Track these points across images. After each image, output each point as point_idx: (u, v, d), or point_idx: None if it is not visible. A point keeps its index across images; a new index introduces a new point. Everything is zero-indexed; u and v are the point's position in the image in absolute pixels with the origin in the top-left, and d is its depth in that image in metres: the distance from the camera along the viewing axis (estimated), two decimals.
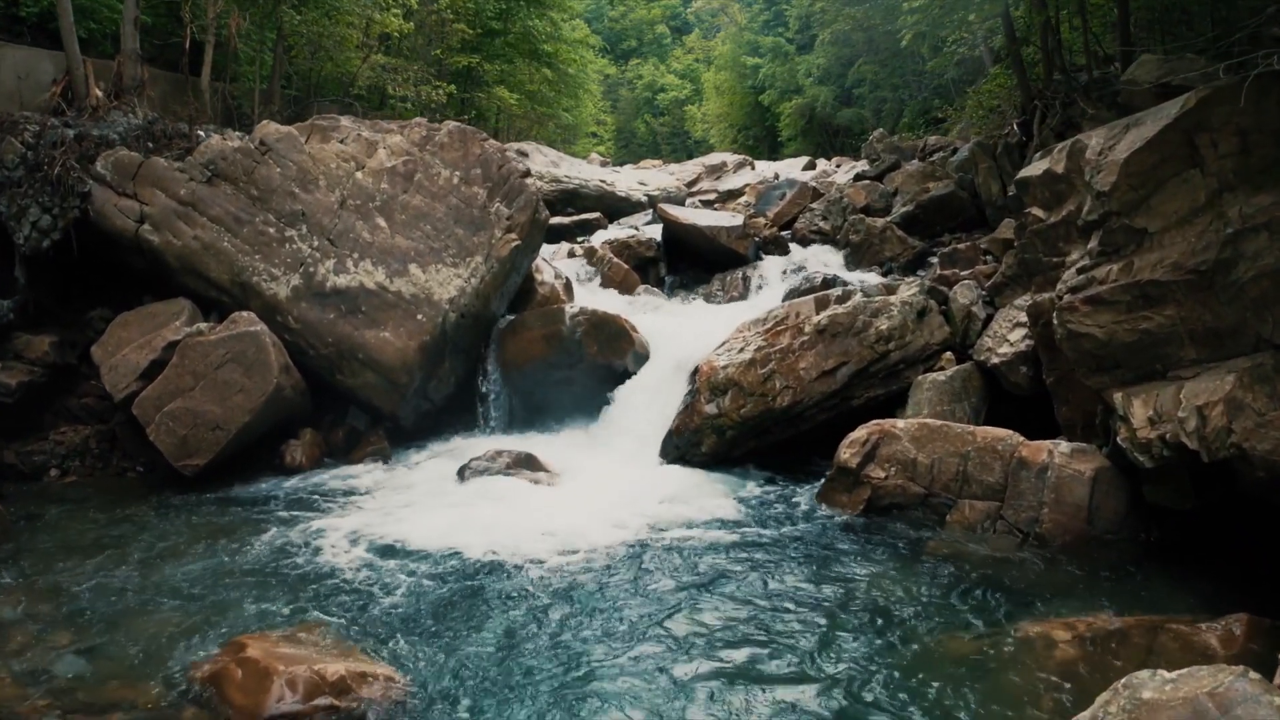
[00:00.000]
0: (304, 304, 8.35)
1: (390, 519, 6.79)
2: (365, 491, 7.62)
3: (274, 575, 5.79)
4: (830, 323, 7.95)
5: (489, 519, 6.64)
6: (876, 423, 7.04)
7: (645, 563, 6.03)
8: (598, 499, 7.09)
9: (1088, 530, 6.35)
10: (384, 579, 5.71)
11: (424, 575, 5.77)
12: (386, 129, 9.25)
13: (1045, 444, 6.60)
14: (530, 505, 6.95)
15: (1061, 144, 7.02)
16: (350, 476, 8.06)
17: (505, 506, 6.96)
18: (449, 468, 8.05)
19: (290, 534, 6.58)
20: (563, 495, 7.21)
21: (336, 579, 5.72)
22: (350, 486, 7.77)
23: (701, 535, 6.52)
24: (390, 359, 8.23)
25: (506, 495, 7.20)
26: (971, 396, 8.30)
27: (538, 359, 8.83)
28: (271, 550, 6.25)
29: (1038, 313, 7.16)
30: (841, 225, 13.19)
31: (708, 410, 7.61)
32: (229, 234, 8.51)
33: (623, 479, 7.48)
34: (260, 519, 6.99)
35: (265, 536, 6.53)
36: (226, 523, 6.95)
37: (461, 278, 8.52)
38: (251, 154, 8.76)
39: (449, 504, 7.10)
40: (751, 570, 5.98)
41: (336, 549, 6.19)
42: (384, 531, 6.46)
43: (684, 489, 7.33)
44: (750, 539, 6.48)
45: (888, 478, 6.85)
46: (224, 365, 7.93)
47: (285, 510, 7.18)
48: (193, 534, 6.73)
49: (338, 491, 7.65)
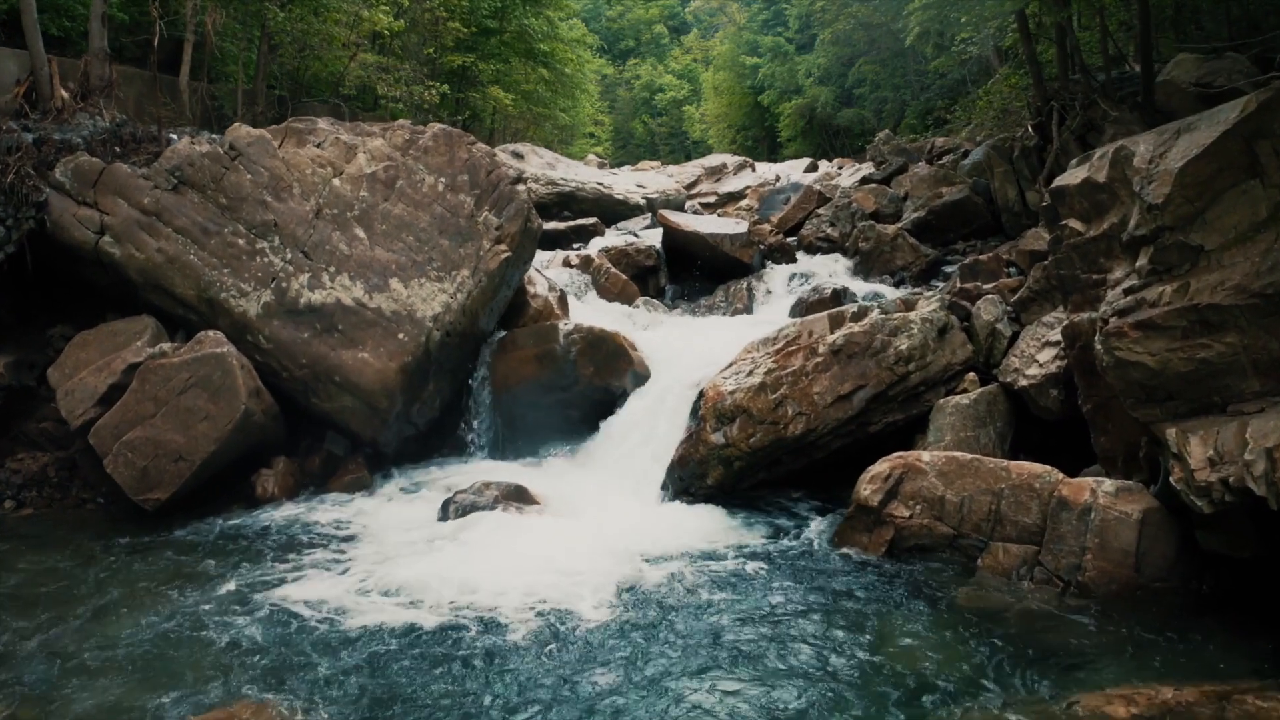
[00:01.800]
0: (276, 322, 7.72)
1: (365, 565, 6.16)
2: (341, 529, 6.99)
3: (231, 638, 5.15)
4: (846, 342, 7.34)
5: (473, 567, 6.01)
6: (900, 455, 6.42)
7: (646, 619, 5.41)
8: (593, 540, 6.46)
9: (1135, 579, 5.74)
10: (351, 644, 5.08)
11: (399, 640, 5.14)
12: (368, 132, 8.62)
13: (1087, 482, 5.99)
14: (519, 548, 6.32)
15: (1102, 150, 6.41)
16: (326, 510, 7.43)
17: (491, 549, 6.33)
18: (433, 500, 7.42)
19: (254, 584, 5.95)
20: (555, 535, 6.58)
21: (299, 644, 5.08)
22: (325, 522, 7.13)
23: (708, 583, 5.90)
24: (369, 382, 7.61)
25: (493, 535, 6.57)
26: (997, 421, 7.70)
27: (529, 380, 8.21)
28: (231, 605, 5.62)
29: (1075, 334, 6.55)
30: (850, 232, 12.60)
31: (714, 440, 6.99)
32: (195, 246, 7.88)
33: (621, 516, 6.86)
34: (223, 564, 6.36)
35: (226, 587, 5.90)
36: (187, 568, 6.32)
37: (447, 293, 7.89)
38: (220, 159, 8.13)
39: (431, 546, 6.48)
40: (764, 626, 5.37)
41: (302, 605, 5.55)
42: (357, 582, 5.83)
43: (688, 528, 6.71)
44: (762, 588, 5.86)
45: (912, 517, 6.24)
46: (187, 390, 7.30)
47: (252, 552, 6.55)
48: (149, 581, 6.11)
49: (311, 529, 7.02)
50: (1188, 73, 8.06)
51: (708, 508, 7.05)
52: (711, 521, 6.85)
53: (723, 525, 6.80)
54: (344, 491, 7.82)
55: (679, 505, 7.09)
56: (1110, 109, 11.32)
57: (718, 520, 6.88)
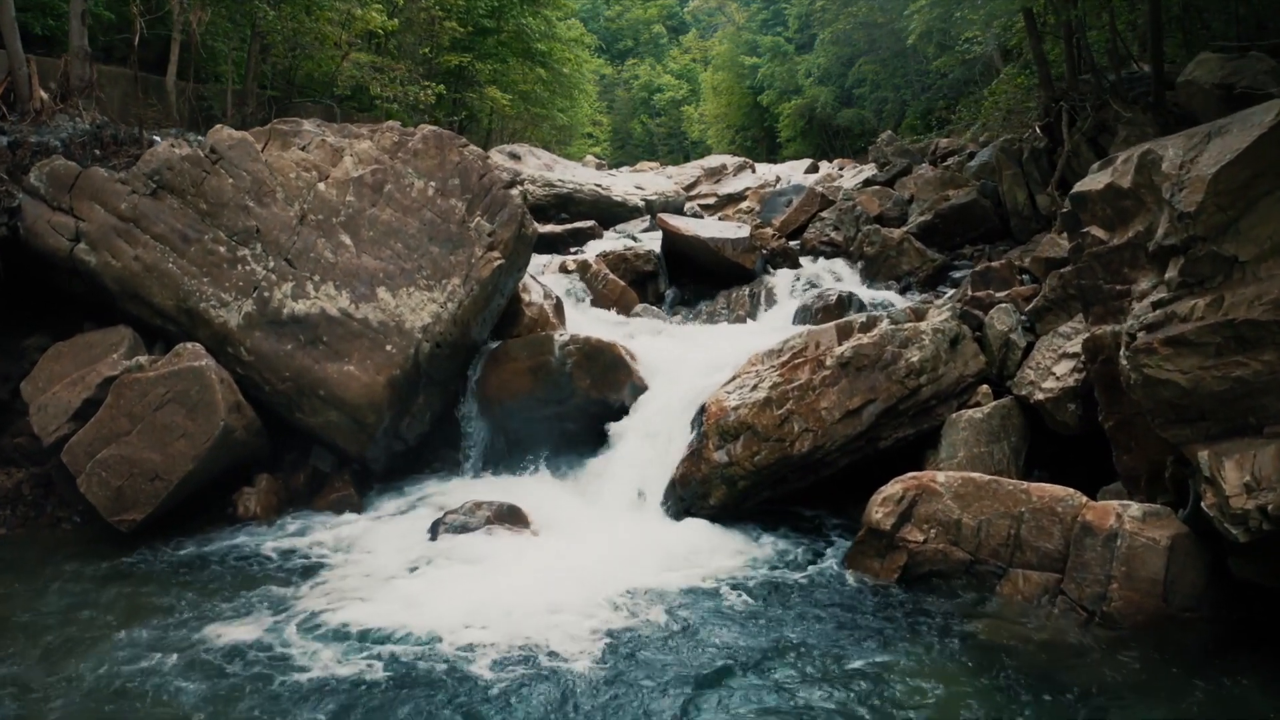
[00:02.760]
0: (258, 334, 7.38)
1: (349, 593, 5.82)
2: (325, 552, 6.65)
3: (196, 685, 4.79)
4: (855, 355, 7.01)
5: (463, 593, 5.68)
6: (914, 476, 6.09)
7: (642, 656, 5.08)
8: (591, 564, 6.13)
9: (1163, 609, 5.41)
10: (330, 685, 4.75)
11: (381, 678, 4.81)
12: (355, 134, 8.28)
13: (1112, 506, 5.66)
14: (512, 573, 5.99)
15: (1125, 154, 6.09)
16: (310, 531, 7.09)
17: (483, 575, 6.01)
18: (422, 520, 7.09)
19: (229, 614, 5.62)
20: (550, 558, 6.26)
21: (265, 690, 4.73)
22: (309, 545, 6.80)
23: (710, 615, 5.57)
24: (355, 396, 7.27)
25: (485, 559, 6.25)
26: (1011, 436, 7.38)
27: (523, 394, 7.87)
28: (203, 639, 5.28)
29: (1097, 347, 6.22)
30: (854, 236, 12.26)
31: (717, 458, 6.65)
32: (174, 254, 7.54)
33: (620, 537, 6.53)
34: (198, 593, 6.02)
35: (199, 617, 5.57)
36: (159, 598, 5.98)
37: (437, 302, 7.55)
38: (201, 163, 7.78)
39: (419, 571, 6.15)
40: (771, 661, 5.04)
41: (279, 640, 5.21)
42: (338, 613, 5.49)
43: (690, 550, 6.38)
44: (769, 619, 5.53)
45: (927, 541, 5.91)
46: (164, 406, 6.96)
47: (228, 581, 6.21)
48: (121, 610, 5.79)
49: (294, 552, 6.68)
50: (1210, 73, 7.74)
51: (710, 528, 6.71)
52: (714, 544, 6.52)
53: (726, 548, 6.47)
54: (329, 510, 7.48)
55: (680, 526, 6.76)
56: (1122, 110, 11.01)
57: (720, 542, 6.55)
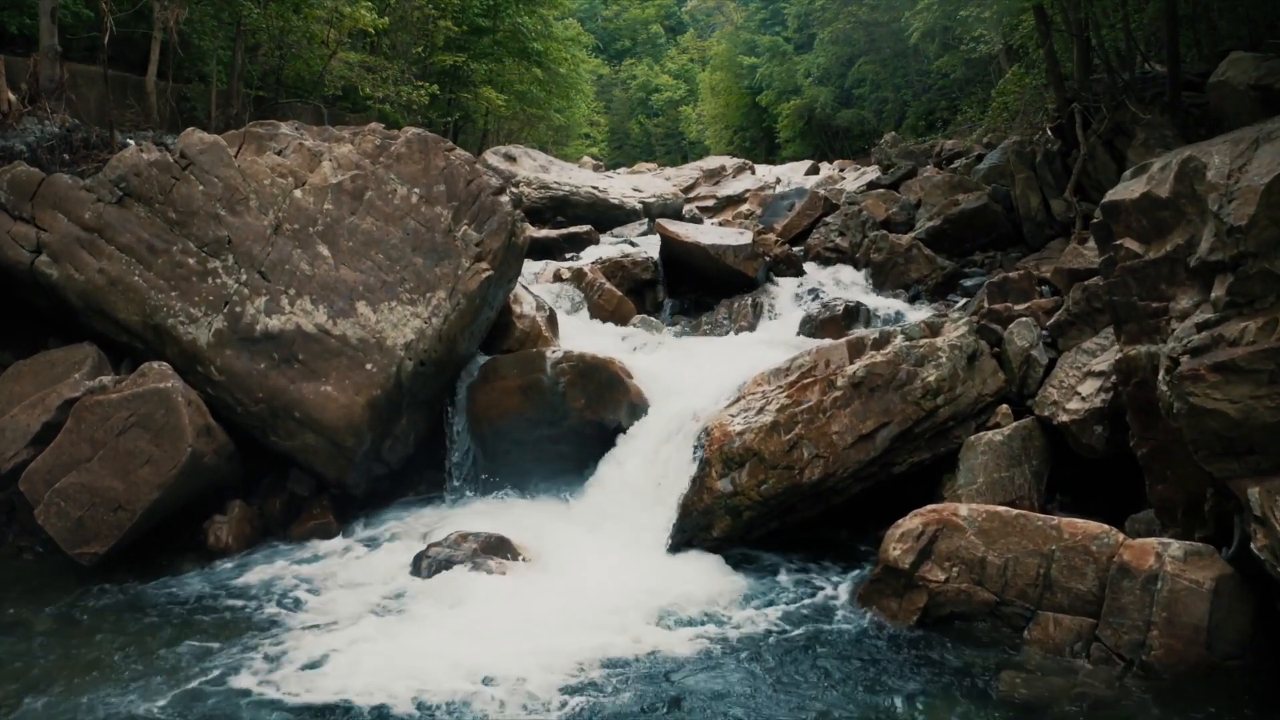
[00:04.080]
0: (229, 352, 6.91)
1: (322, 640, 5.35)
2: (297, 591, 6.18)
3: None
4: (868, 374, 6.55)
5: (447, 638, 5.23)
6: (934, 510, 5.63)
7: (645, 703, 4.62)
8: (586, 603, 5.68)
9: (1206, 657, 4.96)
10: None
11: None
12: (336, 137, 7.81)
13: (1151, 545, 5.20)
14: (501, 614, 5.53)
15: (1163, 160, 5.64)
16: (284, 563, 6.62)
17: (469, 616, 5.54)
18: (404, 551, 6.63)
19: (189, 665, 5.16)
20: (542, 596, 5.80)
21: None
22: (281, 582, 6.32)
23: (714, 661, 5.12)
24: (333, 418, 6.80)
25: (471, 597, 5.78)
26: (1033, 459, 6.94)
27: (513, 414, 7.39)
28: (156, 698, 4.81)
29: (1130, 369, 5.77)
30: (860, 242, 11.81)
31: (720, 488, 6.19)
32: (141, 266, 7.07)
33: (614, 573, 6.06)
34: (159, 635, 5.56)
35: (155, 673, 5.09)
36: (118, 638, 5.54)
37: (421, 317, 7.08)
38: (170, 169, 7.31)
39: (399, 613, 5.68)
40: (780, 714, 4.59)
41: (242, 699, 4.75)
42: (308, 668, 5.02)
43: (692, 588, 5.92)
44: (777, 665, 5.08)
45: (949, 580, 5.45)
46: (127, 430, 6.49)
47: (193, 622, 5.74)
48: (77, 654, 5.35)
49: (264, 590, 6.21)
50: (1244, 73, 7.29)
51: (712, 562, 6.26)
52: (717, 579, 6.06)
53: (730, 584, 6.01)
54: (307, 540, 7.01)
55: (680, 559, 6.29)
56: (1140, 112, 10.56)
57: (724, 577, 6.09)
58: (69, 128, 9.45)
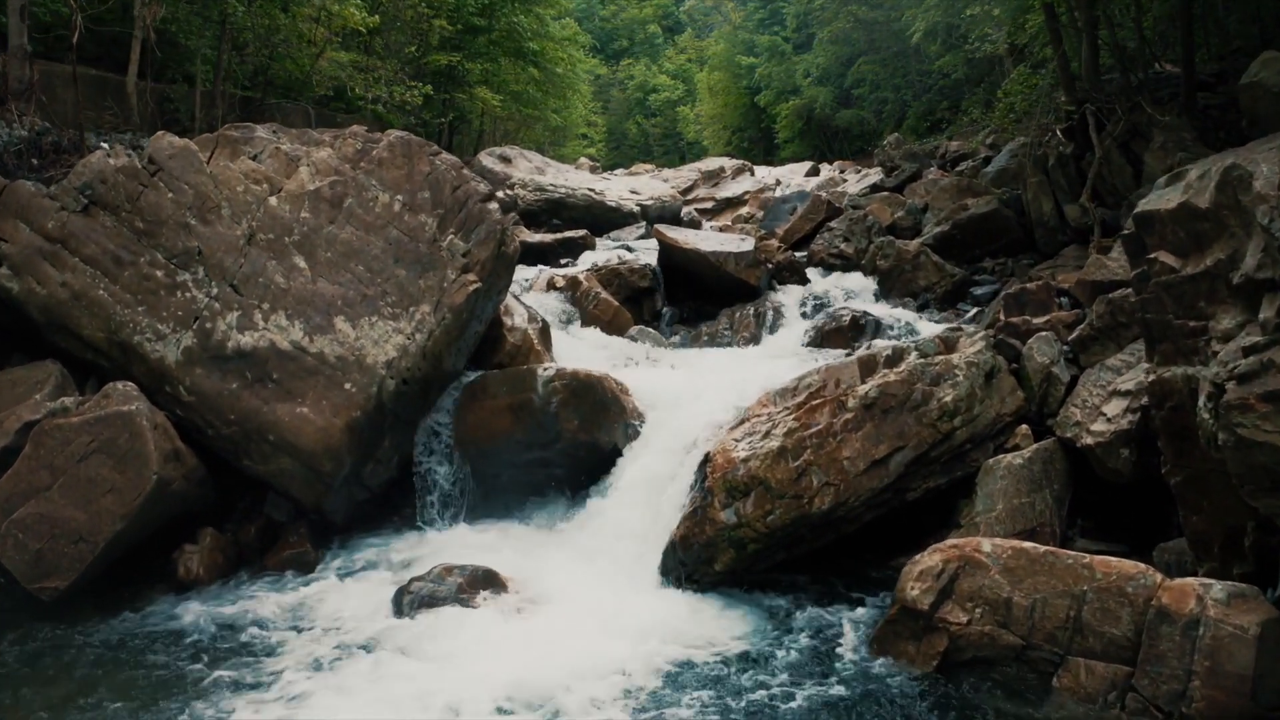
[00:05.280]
0: (198, 370, 6.48)
1: (294, 687, 4.93)
2: (270, 629, 5.75)
3: None
4: (881, 395, 6.14)
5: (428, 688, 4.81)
6: (954, 545, 5.22)
7: None
8: (578, 646, 5.25)
9: (1251, 709, 4.55)
10: None
11: None
12: (316, 140, 7.38)
13: (1191, 586, 4.79)
14: (487, 659, 5.11)
15: (1201, 168, 5.22)
16: (257, 598, 6.19)
17: (452, 661, 5.12)
18: (385, 584, 6.21)
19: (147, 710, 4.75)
20: (531, 638, 5.38)
21: None
22: (254, 618, 5.89)
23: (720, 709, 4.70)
24: (309, 442, 6.37)
25: (455, 639, 5.36)
26: (1054, 483, 6.53)
27: (502, 434, 6.97)
28: None
29: (1165, 392, 5.36)
30: (866, 248, 11.40)
31: (723, 519, 5.77)
32: (106, 279, 6.64)
33: (611, 610, 5.64)
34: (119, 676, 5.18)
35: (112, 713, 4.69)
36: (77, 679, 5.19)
37: (404, 333, 6.66)
38: (138, 175, 6.88)
39: (378, 658, 5.25)
40: None
41: None
42: None
43: (693, 628, 5.50)
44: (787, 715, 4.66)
45: (971, 623, 5.04)
46: (89, 457, 6.07)
47: (155, 666, 5.32)
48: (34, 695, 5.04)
49: (236, 628, 5.78)
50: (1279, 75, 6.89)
51: (715, 598, 5.84)
52: (720, 618, 5.64)
53: (734, 624, 5.59)
54: (282, 570, 6.59)
55: (680, 595, 5.87)
56: (1157, 114, 10.16)
57: (727, 616, 5.67)
58: (38, 131, 9.04)
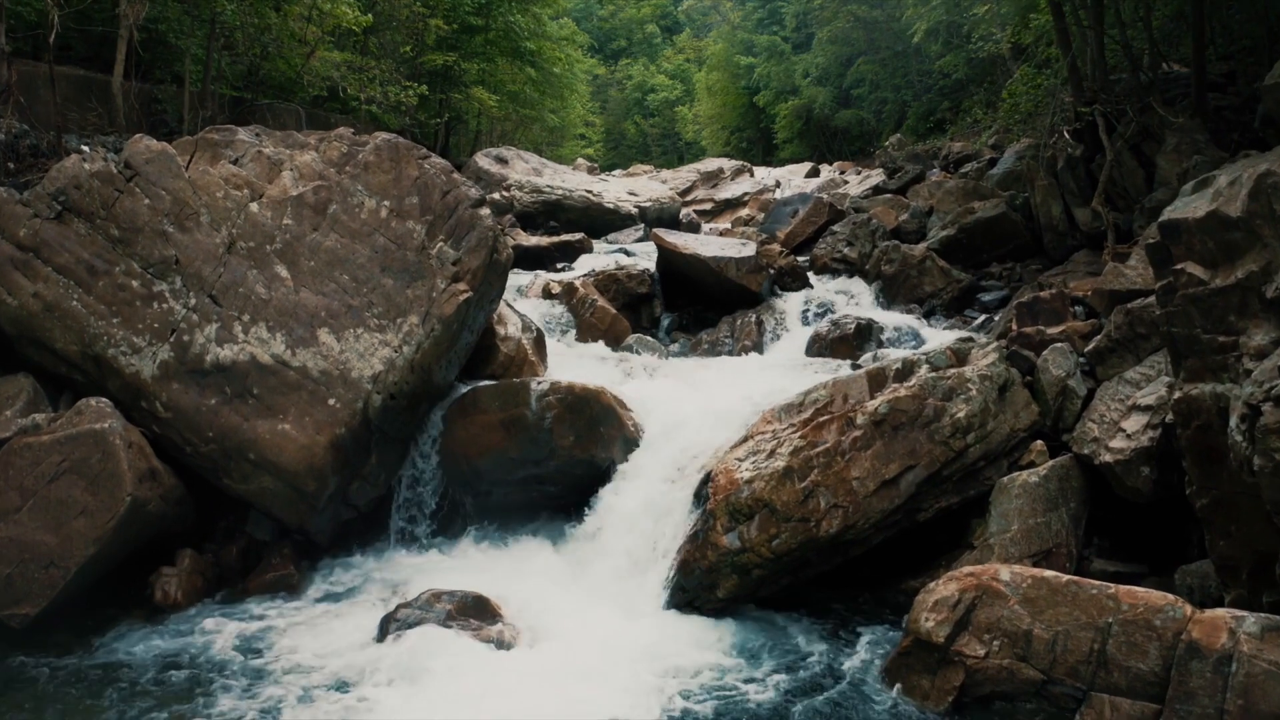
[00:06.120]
0: (175, 385, 6.19)
1: None
2: (249, 658, 5.46)
3: None
4: (891, 411, 5.86)
5: None
6: (971, 574, 4.94)
7: None
8: (573, 678, 4.97)
9: None
10: None
11: None
12: (301, 143, 7.10)
13: (1223, 619, 4.51)
14: (476, 695, 4.83)
15: (1231, 174, 4.95)
16: (238, 625, 5.89)
17: (440, 697, 4.83)
18: (371, 609, 5.92)
19: None
20: (523, 668, 5.10)
21: None
22: (232, 646, 5.60)
23: None
24: (292, 460, 6.09)
25: (443, 671, 5.07)
26: (1070, 501, 6.27)
27: (494, 451, 6.68)
28: None
29: (1192, 410, 5.08)
30: (870, 252, 11.12)
31: (726, 543, 5.48)
32: (80, 290, 6.35)
33: (608, 639, 5.35)
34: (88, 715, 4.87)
35: None
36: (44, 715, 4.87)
37: (390, 346, 6.37)
38: (114, 180, 6.59)
39: (361, 693, 4.97)
40: None
41: None
42: None
43: (695, 657, 5.21)
44: None
45: (989, 656, 4.76)
46: (60, 477, 5.78)
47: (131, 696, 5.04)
48: None
49: (213, 657, 5.48)
50: None
51: (717, 626, 5.55)
52: (723, 647, 5.35)
53: (737, 654, 5.30)
54: (265, 594, 6.30)
55: (681, 622, 5.58)
56: (1169, 115, 9.89)
57: (730, 645, 5.38)
58: (15, 133, 8.75)
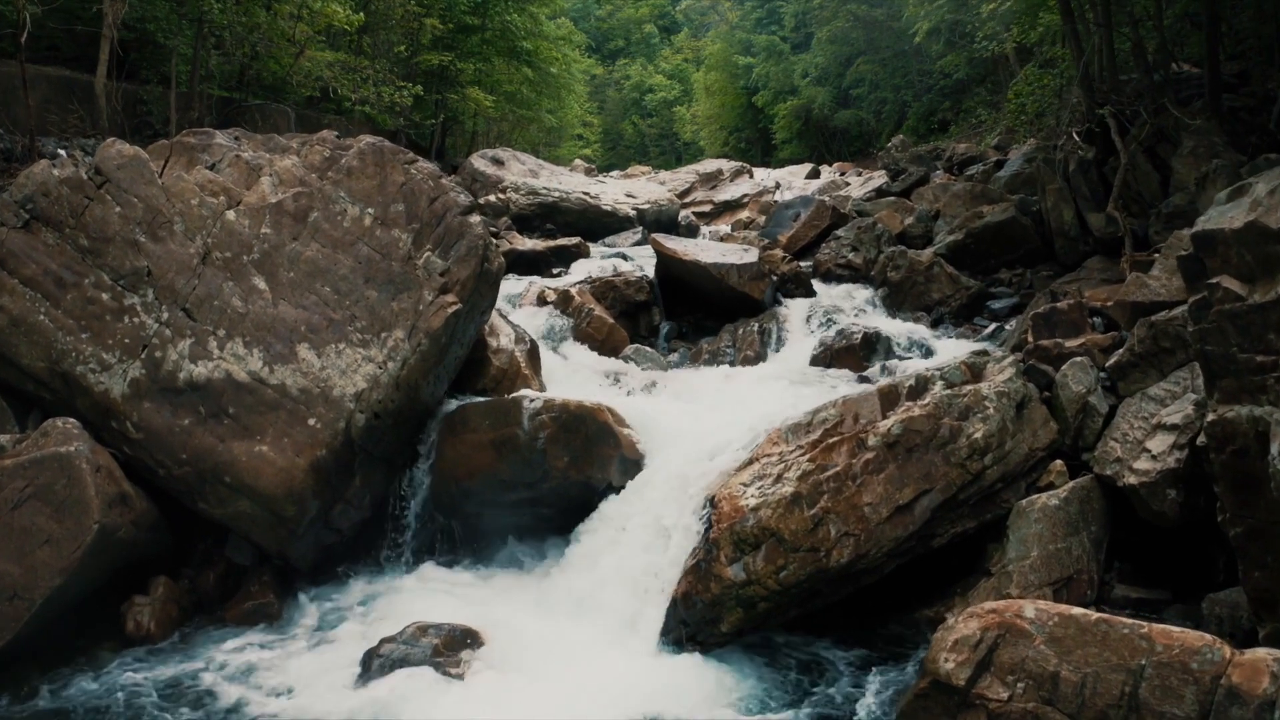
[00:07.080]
0: (147, 404, 5.86)
1: None
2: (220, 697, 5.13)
3: None
4: (904, 431, 5.53)
5: None
6: (993, 610, 4.60)
7: None
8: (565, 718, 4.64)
9: None
10: None
11: None
12: (282, 147, 6.77)
13: (1264, 661, 4.18)
14: None
15: (1269, 182, 4.62)
16: (212, 658, 5.56)
17: None
18: (353, 642, 5.58)
19: None
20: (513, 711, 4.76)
21: None
22: (205, 684, 5.26)
23: None
24: (270, 484, 5.75)
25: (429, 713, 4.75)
26: (1092, 525, 5.95)
27: (484, 472, 6.34)
28: None
29: (1227, 434, 4.76)
30: (875, 258, 10.79)
31: (731, 575, 5.15)
32: (47, 303, 6.01)
33: (603, 677, 5.02)
34: None
35: None
36: None
37: (374, 361, 6.04)
38: (83, 187, 6.25)
39: None
40: None
41: None
42: None
43: (696, 697, 4.89)
44: None
45: (1013, 699, 4.43)
46: (24, 504, 5.44)
47: None
48: None
49: (183, 695, 5.16)
50: None
51: (721, 662, 5.21)
52: (727, 686, 5.02)
53: (741, 693, 4.97)
54: (242, 623, 5.97)
55: (681, 659, 5.23)
56: (1185, 117, 9.58)
57: (734, 684, 5.05)
58: None
